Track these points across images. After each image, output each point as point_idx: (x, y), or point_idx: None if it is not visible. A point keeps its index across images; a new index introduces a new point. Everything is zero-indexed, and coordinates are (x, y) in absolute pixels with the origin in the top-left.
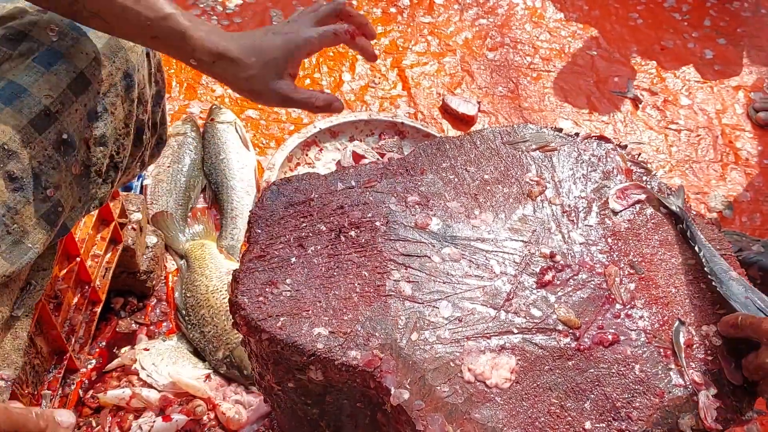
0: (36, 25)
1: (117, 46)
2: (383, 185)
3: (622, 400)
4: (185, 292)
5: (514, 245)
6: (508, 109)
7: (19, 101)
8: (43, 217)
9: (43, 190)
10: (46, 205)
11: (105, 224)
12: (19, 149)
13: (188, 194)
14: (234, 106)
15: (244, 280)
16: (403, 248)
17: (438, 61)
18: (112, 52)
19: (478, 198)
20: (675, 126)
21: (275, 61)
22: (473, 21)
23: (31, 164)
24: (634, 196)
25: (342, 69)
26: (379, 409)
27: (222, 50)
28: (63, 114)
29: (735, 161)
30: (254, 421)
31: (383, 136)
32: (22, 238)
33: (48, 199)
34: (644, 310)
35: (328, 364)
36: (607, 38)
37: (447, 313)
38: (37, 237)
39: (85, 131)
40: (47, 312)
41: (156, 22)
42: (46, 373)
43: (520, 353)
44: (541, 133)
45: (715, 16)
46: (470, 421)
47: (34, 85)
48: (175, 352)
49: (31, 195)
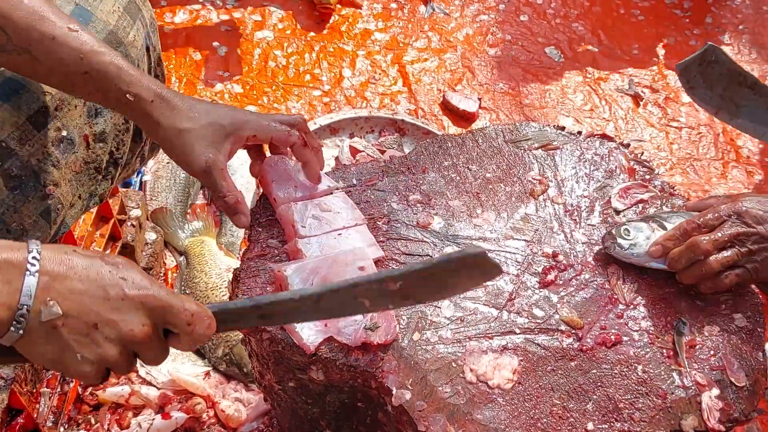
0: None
1: (116, 41)
2: (385, 183)
3: (625, 401)
4: (185, 289)
5: (517, 244)
6: (509, 106)
7: (18, 98)
8: (42, 215)
9: (42, 188)
10: (46, 203)
11: (104, 221)
12: (18, 147)
13: (188, 190)
14: (234, 102)
15: (244, 279)
16: (404, 247)
17: (439, 57)
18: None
19: (480, 197)
20: (676, 123)
21: (220, 127)
22: (474, 17)
23: (30, 162)
24: (636, 195)
25: (342, 65)
26: (381, 409)
27: (165, 93)
28: (62, 110)
29: (736, 159)
30: (254, 419)
31: (383, 133)
32: (21, 237)
33: (47, 196)
34: (647, 310)
35: (330, 364)
36: (609, 35)
37: (449, 313)
38: (36, 235)
39: (84, 128)
40: None
41: (89, 56)
42: (44, 371)
43: (522, 354)
44: (543, 132)
45: (717, 13)
46: (472, 421)
47: (33, 82)
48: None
49: (31, 193)
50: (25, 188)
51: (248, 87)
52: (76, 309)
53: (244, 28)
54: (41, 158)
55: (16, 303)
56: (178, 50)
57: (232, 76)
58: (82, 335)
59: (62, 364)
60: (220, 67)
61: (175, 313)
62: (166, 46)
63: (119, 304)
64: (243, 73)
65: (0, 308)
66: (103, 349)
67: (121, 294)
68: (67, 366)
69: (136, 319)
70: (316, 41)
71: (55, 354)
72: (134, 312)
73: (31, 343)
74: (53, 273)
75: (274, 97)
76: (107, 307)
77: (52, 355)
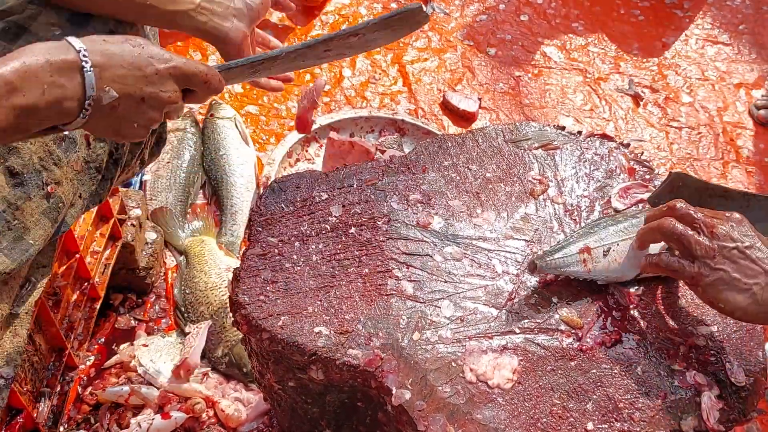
0: (36, 20)
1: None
2: (385, 183)
3: (625, 400)
4: (184, 289)
5: (517, 244)
6: (509, 106)
7: None
8: (44, 214)
9: (44, 186)
10: (47, 202)
11: (104, 221)
12: (20, 144)
13: (188, 190)
14: (234, 101)
15: (244, 279)
16: (404, 247)
17: (439, 57)
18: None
19: (480, 196)
20: (676, 123)
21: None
22: (474, 17)
23: (32, 159)
24: (636, 195)
25: (342, 64)
26: (380, 408)
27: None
28: None
29: (736, 159)
30: (254, 419)
31: (383, 132)
32: (23, 234)
33: (49, 195)
34: (647, 309)
35: (329, 364)
36: (609, 35)
37: (449, 313)
38: (38, 233)
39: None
40: (46, 309)
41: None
42: (45, 371)
43: (522, 353)
44: (543, 131)
45: (717, 13)
46: (472, 421)
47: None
48: (174, 349)
49: (33, 191)
50: (27, 186)
51: (248, 87)
52: (126, 90)
53: None
54: (43, 156)
55: (83, 94)
56: (178, 50)
57: None
58: (134, 109)
59: (120, 133)
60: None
61: (194, 75)
62: (166, 45)
63: (155, 78)
64: None
65: (70, 101)
66: (150, 115)
67: (154, 70)
68: (124, 134)
69: (169, 87)
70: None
71: (116, 126)
72: (166, 82)
73: (95, 123)
74: (100, 64)
75: (274, 96)
76: (146, 82)
77: (113, 127)
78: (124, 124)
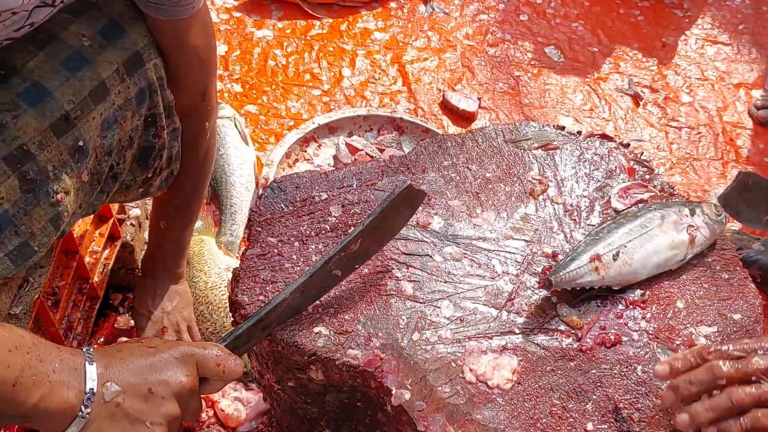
0: (66, 30)
1: (138, 61)
2: (384, 183)
3: (625, 401)
4: None
5: (516, 244)
6: (508, 106)
7: (43, 104)
8: (51, 221)
9: (54, 194)
10: (55, 210)
11: (103, 220)
12: (37, 151)
13: None
14: (233, 101)
15: (244, 279)
16: (404, 247)
17: (438, 56)
18: (134, 66)
19: (480, 196)
20: (676, 123)
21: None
22: (474, 16)
23: (46, 167)
24: (636, 195)
25: (342, 64)
26: (380, 409)
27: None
28: (81, 121)
29: (736, 159)
30: (253, 419)
31: (382, 131)
32: (29, 240)
33: (57, 203)
34: (646, 310)
35: (329, 364)
36: (608, 34)
37: (448, 313)
38: (43, 240)
39: (96, 140)
40: (45, 309)
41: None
42: None
43: (521, 354)
44: (543, 131)
45: (717, 13)
46: (472, 422)
47: (59, 90)
48: None
49: (43, 198)
50: (38, 193)
51: (248, 86)
52: (129, 383)
53: (243, 27)
54: (57, 165)
55: (84, 387)
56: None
57: (231, 75)
58: (142, 404)
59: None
60: (220, 66)
61: (203, 357)
62: None
63: (161, 365)
64: (243, 72)
65: (71, 391)
66: (165, 408)
67: (158, 357)
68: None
69: (180, 372)
70: (316, 40)
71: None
72: (175, 367)
73: (100, 429)
74: (104, 362)
75: (274, 96)
76: (152, 371)
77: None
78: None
